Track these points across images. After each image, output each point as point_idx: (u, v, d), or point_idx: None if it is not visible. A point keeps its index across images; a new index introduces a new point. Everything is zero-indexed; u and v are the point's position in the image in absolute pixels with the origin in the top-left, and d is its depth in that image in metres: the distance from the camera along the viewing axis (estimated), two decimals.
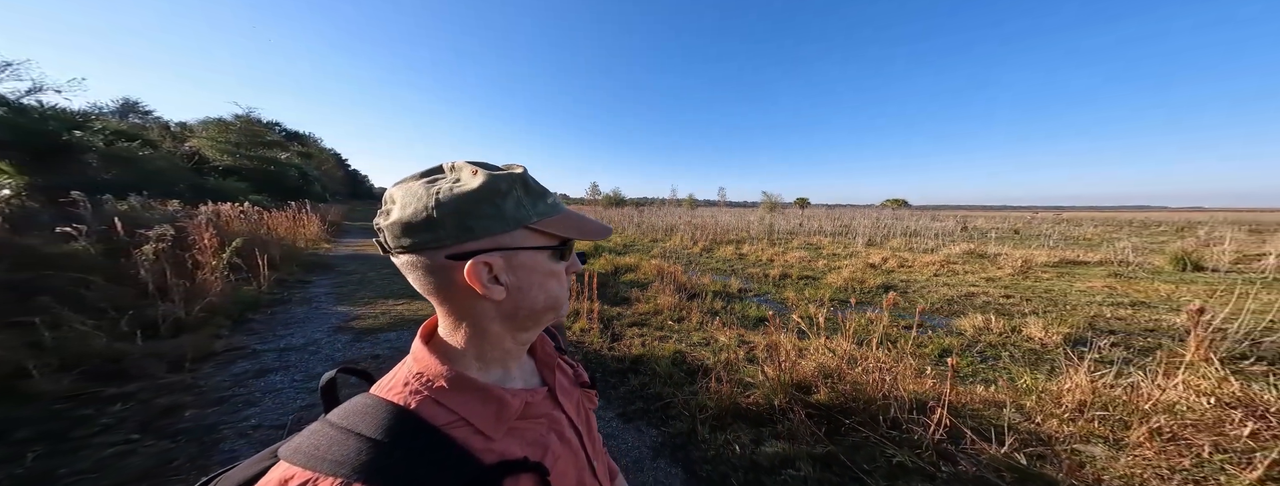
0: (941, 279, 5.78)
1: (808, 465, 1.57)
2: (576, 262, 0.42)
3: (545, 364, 0.45)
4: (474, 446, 0.32)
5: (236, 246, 3.83)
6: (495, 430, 0.34)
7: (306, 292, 4.23)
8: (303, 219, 7.75)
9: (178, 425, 1.76)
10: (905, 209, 28.71)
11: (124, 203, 5.03)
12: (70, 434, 1.63)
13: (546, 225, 0.36)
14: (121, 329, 2.48)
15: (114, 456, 1.52)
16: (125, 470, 1.46)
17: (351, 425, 0.30)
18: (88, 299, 2.74)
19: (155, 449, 1.58)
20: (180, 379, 2.16)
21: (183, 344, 2.49)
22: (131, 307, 2.72)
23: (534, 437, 0.37)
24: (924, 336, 3.20)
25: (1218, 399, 1.81)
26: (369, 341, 2.87)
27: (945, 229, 13.65)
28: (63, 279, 2.78)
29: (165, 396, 1.97)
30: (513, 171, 0.36)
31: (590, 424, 0.50)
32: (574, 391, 0.48)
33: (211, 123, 18.51)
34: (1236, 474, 1.41)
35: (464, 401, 0.34)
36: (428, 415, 0.32)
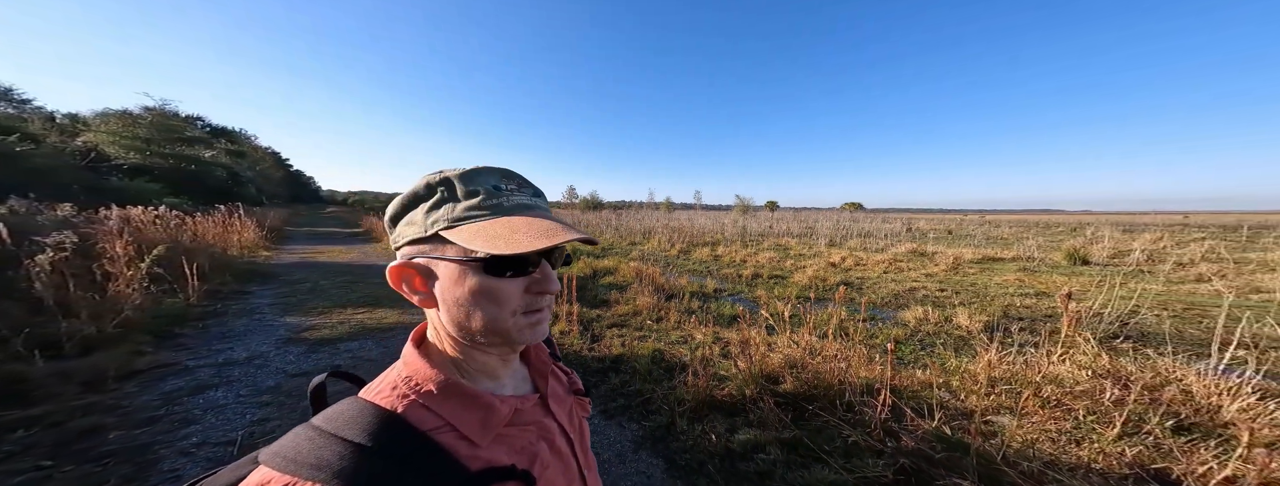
0: (890, 276, 6.43)
1: (776, 449, 1.73)
2: (545, 281, 0.34)
3: (538, 371, 0.44)
4: (460, 453, 0.31)
5: (158, 254, 3.40)
6: (482, 437, 0.33)
7: (246, 304, 3.83)
8: (235, 224, 6.95)
9: (102, 447, 1.57)
10: (861, 212, 31.49)
11: (2, 206, 4.24)
12: None
13: (460, 234, 0.32)
14: (14, 349, 2.14)
15: (25, 484, 1.34)
16: None
17: (336, 429, 0.29)
18: None
19: (77, 473, 1.41)
20: (99, 399, 1.91)
21: (96, 362, 2.19)
22: (26, 325, 2.34)
23: (522, 445, 0.36)
24: (875, 328, 3.57)
25: (1093, 371, 2.22)
26: (327, 352, 2.70)
27: (893, 230, 15.08)
28: None
29: (81, 418, 1.74)
30: (450, 171, 0.34)
31: (583, 433, 0.48)
32: (567, 399, 0.47)
33: (112, 115, 15.93)
34: (1102, 432, 1.74)
35: (451, 407, 0.33)
36: (414, 420, 0.31)
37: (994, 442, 1.68)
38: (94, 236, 3.49)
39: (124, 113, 16.07)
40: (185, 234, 5.42)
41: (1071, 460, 1.60)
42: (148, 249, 3.48)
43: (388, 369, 0.36)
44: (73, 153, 12.23)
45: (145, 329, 2.80)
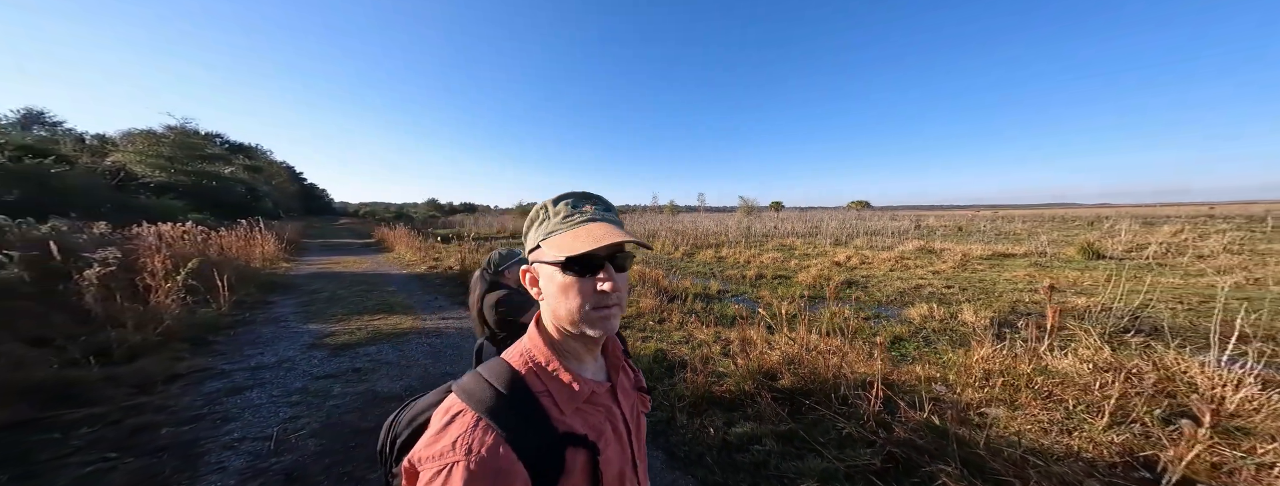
0: (896, 273, 6.43)
1: (772, 441, 1.82)
2: (607, 279, 0.41)
3: (612, 364, 0.51)
4: (552, 415, 0.40)
5: (193, 268, 3.65)
6: (567, 407, 0.42)
7: (270, 313, 4.06)
8: (256, 237, 7.28)
9: (156, 442, 1.74)
10: (868, 210, 31.11)
11: (45, 225, 4.56)
12: (35, 457, 1.59)
13: (549, 243, 0.42)
14: (71, 355, 2.35)
15: (94, 473, 1.51)
16: (109, 485, 1.46)
17: (489, 376, 0.41)
18: (21, 327, 2.54)
19: (136, 465, 1.58)
20: (148, 400, 2.10)
21: (143, 367, 2.39)
22: (80, 334, 2.57)
23: (594, 422, 0.44)
24: (879, 325, 3.61)
25: (1094, 365, 2.24)
26: (348, 356, 2.86)
27: (901, 228, 14.87)
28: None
29: (135, 417, 1.92)
30: (550, 199, 0.45)
31: (640, 425, 0.55)
32: (632, 394, 0.54)
33: (138, 135, 16.73)
34: (1093, 422, 1.80)
35: (551, 379, 0.42)
36: (530, 382, 0.42)
37: (986, 432, 1.72)
38: (135, 252, 3.76)
39: (148, 132, 16.89)
40: (212, 248, 5.72)
41: (1061, 449, 1.65)
42: (181, 263, 3.73)
43: (521, 338, 0.47)
44: (103, 172, 12.89)
45: (183, 336, 3.01)
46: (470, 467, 0.34)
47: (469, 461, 0.34)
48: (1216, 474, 1.48)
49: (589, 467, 0.41)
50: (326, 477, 1.55)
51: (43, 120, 18.78)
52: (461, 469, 0.34)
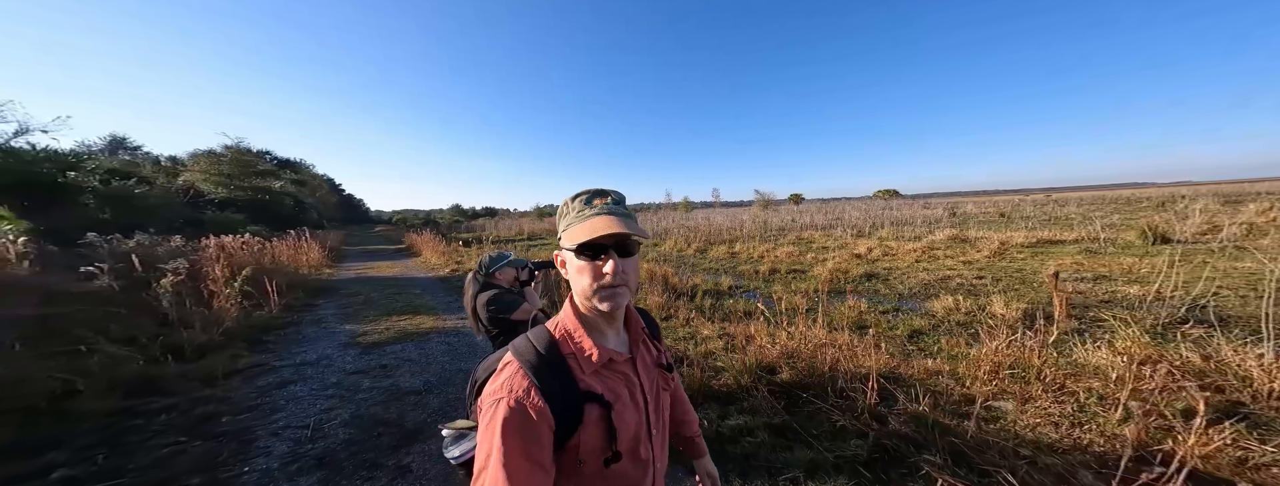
0: (922, 265, 6.11)
1: (764, 433, 1.85)
2: (607, 261, 0.48)
3: (634, 338, 0.58)
4: (576, 374, 0.49)
5: (247, 275, 4.10)
6: (587, 369, 0.50)
7: (314, 315, 4.48)
8: (303, 246, 7.99)
9: (218, 429, 2.03)
10: (897, 199, 29.35)
11: (132, 240, 5.28)
12: (126, 439, 1.90)
13: (566, 233, 0.51)
14: (153, 354, 2.74)
15: (169, 455, 1.78)
16: (180, 465, 1.72)
17: (533, 338, 0.53)
18: (113, 330, 2.99)
19: (202, 448, 1.85)
20: (212, 392, 2.42)
21: (209, 364, 2.75)
22: (159, 335, 2.98)
23: (611, 386, 0.52)
24: (897, 319, 3.48)
25: (1130, 357, 2.13)
26: (376, 354, 3.13)
27: (933, 217, 14.03)
28: (94, 312, 3.03)
29: (202, 407, 2.23)
30: (573, 196, 0.54)
31: (660, 400, 0.60)
32: (654, 370, 0.60)
33: (202, 155, 18.71)
34: (1106, 415, 1.73)
35: (577, 344, 0.52)
36: (561, 346, 0.51)
37: (972, 424, 1.69)
38: (200, 262, 4.27)
39: (210, 152, 18.84)
40: (266, 257, 6.35)
41: (1069, 442, 1.59)
42: (238, 271, 4.20)
43: (562, 309, 0.56)
44: (176, 191, 14.57)
45: (241, 337, 3.41)
46: (510, 404, 0.44)
47: (510, 399, 0.44)
48: (1240, 469, 1.38)
49: (603, 421, 0.48)
50: (351, 463, 1.74)
51: (125, 145, 21.43)
52: (505, 405, 0.44)
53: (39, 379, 2.20)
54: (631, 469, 0.52)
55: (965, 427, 1.63)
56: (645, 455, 0.54)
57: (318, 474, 1.65)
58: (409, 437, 1.92)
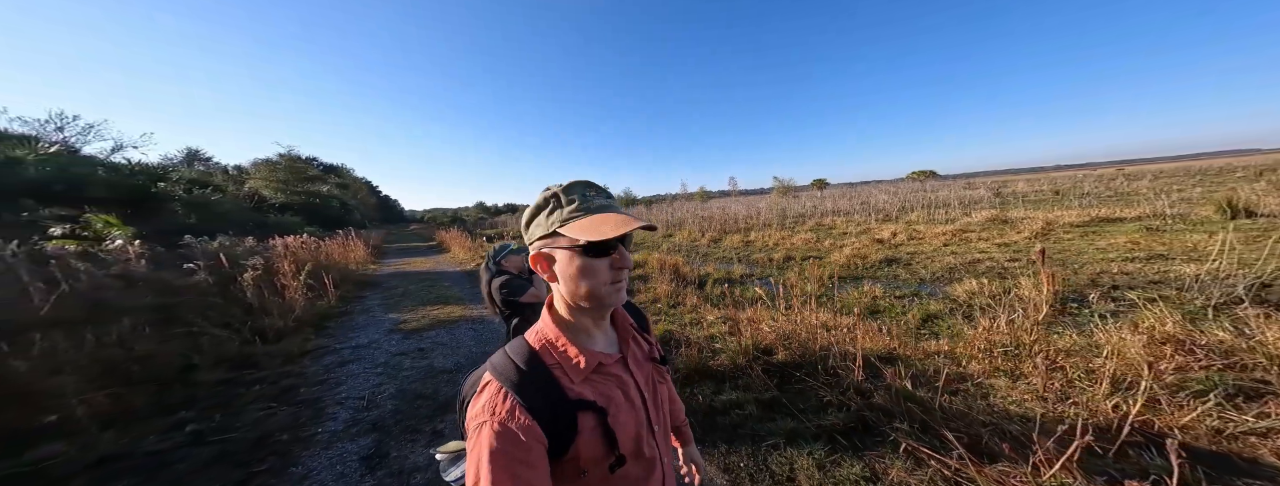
0: (950, 248, 5.87)
1: (753, 406, 2.02)
2: (621, 259, 0.47)
3: (622, 335, 0.56)
4: (564, 384, 0.47)
5: (309, 270, 4.73)
6: (575, 378, 0.47)
7: (363, 305, 5.08)
8: (350, 244, 8.88)
9: (297, 398, 2.49)
10: (934, 180, 27.23)
11: (216, 242, 6.19)
12: (232, 403, 2.39)
13: (568, 229, 0.46)
14: (245, 336, 3.32)
15: (263, 416, 2.24)
16: (272, 424, 2.16)
17: (510, 353, 0.49)
18: (214, 317, 3.63)
19: (285, 413, 2.29)
20: (291, 368, 2.93)
21: (287, 345, 3.29)
22: (247, 321, 3.59)
23: (603, 390, 0.49)
24: (913, 303, 3.46)
25: (1151, 337, 2.10)
26: (415, 339, 3.57)
27: (974, 197, 13.11)
28: (198, 302, 3.70)
29: (285, 380, 2.73)
30: (554, 189, 0.48)
31: (657, 393, 0.58)
32: (646, 365, 0.58)
33: (262, 164, 20.86)
34: (1093, 391, 1.76)
35: (561, 353, 0.49)
36: (543, 357, 0.48)
37: (939, 397, 1.78)
38: (271, 259, 4.97)
39: (269, 161, 20.94)
40: (321, 254, 7.17)
41: (1054, 415, 1.65)
42: (301, 267, 4.84)
43: (529, 313, 0.71)
44: (244, 197, 16.44)
45: (309, 323, 3.99)
46: (495, 428, 0.42)
47: (493, 422, 0.42)
48: (1218, 438, 1.43)
49: (600, 428, 0.47)
50: (397, 428, 2.10)
51: (199, 157, 24.28)
52: (489, 427, 0.42)
53: (167, 355, 2.78)
54: (637, 469, 0.51)
55: (940, 400, 1.73)
56: (649, 452, 0.52)
57: (372, 436, 2.02)
58: (442, 409, 2.26)
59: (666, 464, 0.57)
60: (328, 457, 1.83)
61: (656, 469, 0.54)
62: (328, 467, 1.75)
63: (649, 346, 0.62)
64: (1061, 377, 1.91)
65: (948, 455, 1.36)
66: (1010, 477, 1.28)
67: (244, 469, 1.74)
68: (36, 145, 8.76)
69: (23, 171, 6.19)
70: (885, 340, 2.49)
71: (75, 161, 8.49)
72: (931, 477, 1.39)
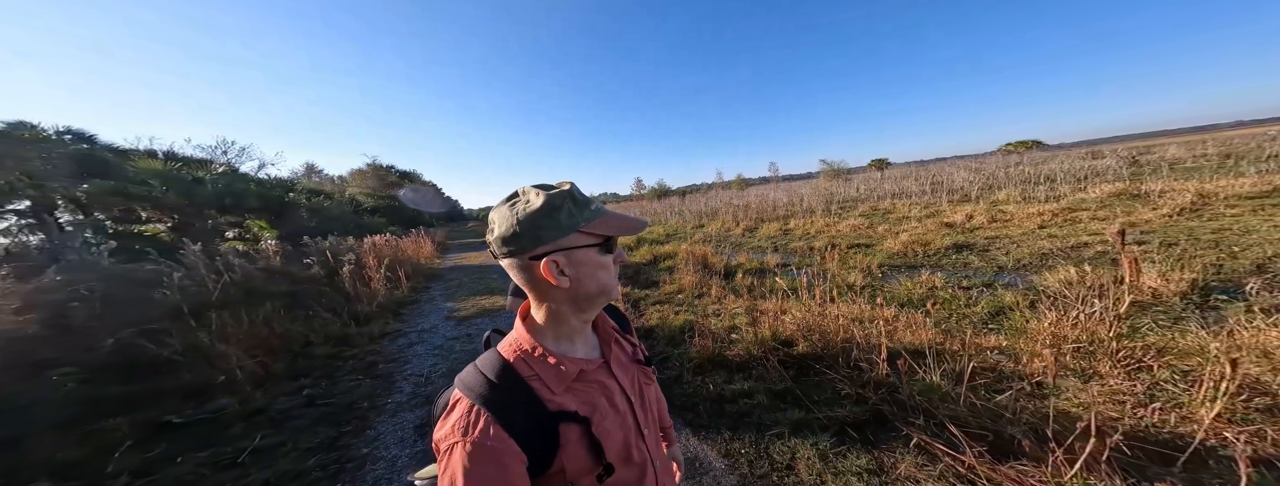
0: (1047, 231, 4.99)
1: (764, 396, 2.02)
2: (622, 255, 0.50)
3: (604, 339, 0.55)
4: (543, 396, 0.45)
5: (387, 264, 5.65)
6: (556, 387, 0.46)
7: (428, 295, 5.88)
8: (420, 242, 10.30)
9: (377, 372, 3.03)
10: (1037, 150, 22.15)
11: (327, 241, 7.69)
12: (333, 375, 3.00)
13: (592, 227, 0.46)
14: (344, 319, 4.14)
15: (352, 387, 2.78)
16: (357, 393, 2.68)
17: (482, 367, 0.47)
18: (324, 303, 4.57)
19: (370, 384, 2.82)
20: (374, 348, 3.57)
21: (372, 328, 4.01)
22: (345, 307, 4.46)
23: (587, 398, 0.48)
24: (983, 295, 3.07)
25: None
26: (465, 325, 4.09)
27: (1098, 168, 10.62)
28: (314, 290, 4.69)
29: (370, 357, 3.33)
30: (562, 189, 0.47)
31: (644, 396, 0.57)
32: (631, 367, 0.57)
33: (356, 173, 24.93)
34: (1191, 394, 1.49)
35: (540, 364, 0.47)
36: (519, 369, 0.46)
37: (1044, 402, 1.60)
38: (362, 255, 6.04)
39: (360, 170, 24.95)
40: (398, 251, 8.46)
41: (1130, 422, 1.45)
42: (382, 261, 5.80)
43: (512, 331, 0.52)
44: (347, 202, 19.94)
45: (388, 309, 4.77)
46: (467, 447, 0.40)
47: (465, 442, 0.40)
48: None
49: (585, 439, 0.45)
50: None
51: (314, 170, 29.86)
52: (460, 448, 0.40)
53: (294, 332, 3.61)
54: (628, 475, 0.50)
55: (966, 396, 1.60)
56: (639, 457, 0.51)
57: (426, 407, 2.40)
58: None
59: (659, 467, 0.56)
60: (393, 424, 2.23)
61: (649, 473, 0.53)
62: (392, 432, 2.14)
63: (632, 349, 0.61)
64: (1147, 379, 1.64)
65: (962, 452, 1.28)
66: (1028, 477, 1.18)
67: (337, 428, 2.21)
68: (211, 166, 11.58)
69: (204, 188, 8.29)
70: (929, 334, 2.28)
71: (237, 178, 11.04)
72: (941, 473, 1.32)
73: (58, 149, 5.02)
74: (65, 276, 3.09)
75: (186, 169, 9.41)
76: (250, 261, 5.12)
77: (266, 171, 15.19)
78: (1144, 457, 1.25)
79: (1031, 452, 1.23)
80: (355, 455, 1.95)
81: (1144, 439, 1.33)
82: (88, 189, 5.32)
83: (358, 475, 1.79)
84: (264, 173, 15.11)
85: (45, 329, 2.51)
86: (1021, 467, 1.21)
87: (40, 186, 4.54)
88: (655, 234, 9.85)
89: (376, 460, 1.89)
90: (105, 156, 6.89)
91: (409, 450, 1.95)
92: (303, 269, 5.46)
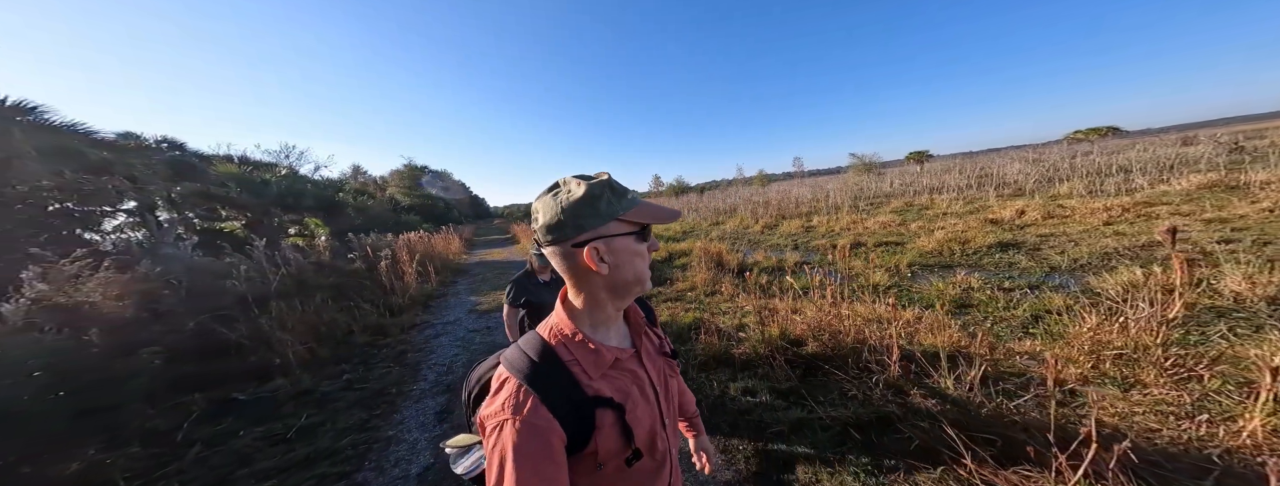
0: (1114, 227, 4.54)
1: (767, 394, 2.02)
2: (654, 243, 0.52)
3: (635, 330, 0.56)
4: (581, 380, 0.47)
5: (419, 259, 6.08)
6: (594, 373, 0.48)
7: (455, 289, 6.25)
8: (449, 238, 10.94)
9: (406, 361, 3.28)
10: (1113, 137, 19.39)
11: (368, 237, 8.40)
12: (369, 362, 3.29)
13: (630, 215, 0.48)
14: (381, 310, 4.52)
15: (384, 373, 3.03)
16: (388, 379, 2.91)
17: (525, 348, 0.49)
18: (364, 294, 5.02)
19: (397, 372, 3.05)
20: (404, 337, 3.86)
21: (404, 319, 4.34)
22: (382, 299, 4.87)
23: (620, 386, 0.50)
24: (1026, 297, 2.87)
25: None
26: (485, 318, 4.31)
27: (1190, 156, 9.32)
28: (355, 283, 5.16)
29: (400, 346, 3.61)
30: (601, 178, 0.49)
31: (669, 388, 0.59)
32: (658, 359, 0.58)
33: (395, 174, 26.86)
34: (1244, 404, 1.35)
35: (579, 349, 0.49)
36: (560, 352, 0.49)
37: (1071, 410, 1.56)
38: (397, 251, 6.54)
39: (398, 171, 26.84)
40: (428, 247, 9.06)
41: (1171, 434, 1.35)
42: (414, 256, 6.26)
43: (551, 314, 0.54)
44: (387, 201, 21.59)
45: (419, 302, 5.14)
46: (517, 425, 0.42)
47: (515, 420, 0.42)
48: None
49: (618, 424, 0.47)
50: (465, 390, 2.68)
51: (360, 171, 32.51)
52: (511, 425, 0.42)
53: (339, 322, 4.00)
54: (651, 462, 0.52)
55: (976, 400, 1.56)
56: (661, 446, 0.54)
57: (446, 395, 2.58)
58: None
59: (673, 456, 0.58)
60: (417, 409, 2.42)
61: (667, 463, 0.56)
62: (415, 417, 2.32)
63: (659, 341, 0.62)
64: (1197, 389, 1.51)
65: (964, 456, 1.24)
66: (1030, 482, 1.16)
67: (368, 412, 2.42)
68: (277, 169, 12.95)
69: (270, 189, 9.33)
70: (952, 336, 2.18)
71: (297, 180, 12.28)
72: (941, 476, 1.32)
73: (156, 155, 5.86)
74: (160, 268, 3.64)
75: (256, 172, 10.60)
76: (304, 256, 5.72)
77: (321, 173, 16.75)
78: (1168, 468, 1.18)
79: (1038, 458, 1.18)
80: (382, 437, 2.13)
81: (1181, 450, 1.25)
82: (180, 190, 6.15)
83: (382, 455, 1.96)
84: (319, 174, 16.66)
85: (139, 313, 2.96)
86: (1025, 472, 1.18)
87: (143, 189, 5.32)
88: (672, 231, 9.83)
89: (399, 442, 2.07)
90: (192, 161, 7.92)
91: (428, 434, 2.12)
92: (346, 263, 6.01)
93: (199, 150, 9.66)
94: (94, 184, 4.43)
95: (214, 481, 1.77)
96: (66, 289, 2.58)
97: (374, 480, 1.77)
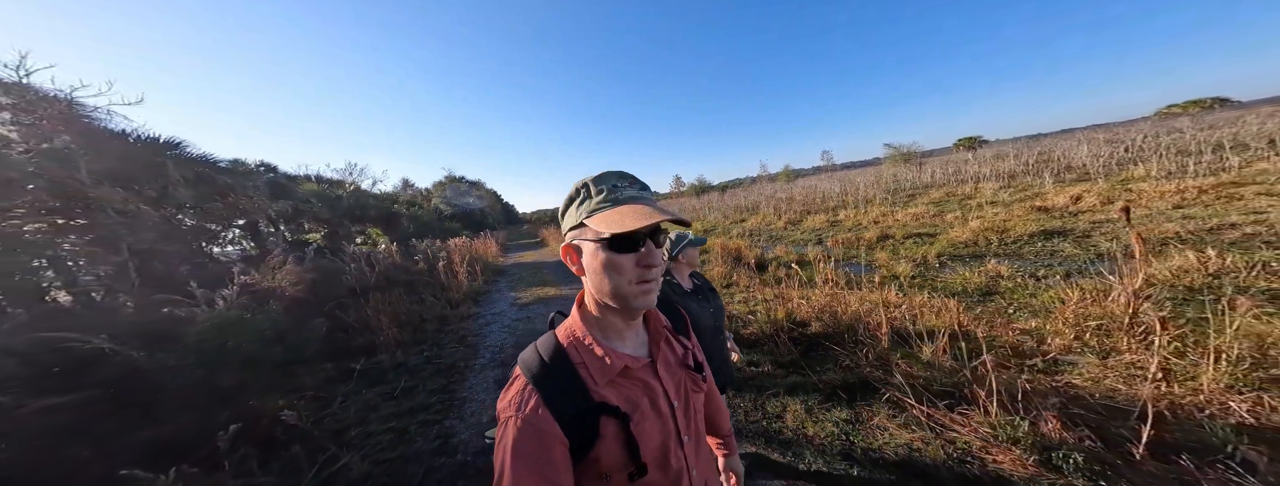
0: (1185, 210, 4.31)
1: (770, 365, 2.35)
2: (649, 256, 0.44)
3: (655, 338, 0.54)
4: (588, 385, 0.47)
5: (467, 261, 6.94)
6: (600, 379, 0.47)
7: (497, 286, 7.01)
8: (488, 243, 12.05)
9: (466, 342, 3.91)
10: (1220, 110, 16.48)
11: (423, 243, 9.58)
12: (437, 344, 3.98)
13: (593, 221, 0.45)
14: (444, 304, 5.31)
15: (452, 352, 3.67)
16: (453, 357, 3.53)
17: (539, 348, 0.50)
18: (426, 290, 5.88)
19: (461, 350, 3.68)
20: (463, 325, 4.55)
21: (461, 311, 5.07)
22: (443, 294, 5.69)
23: (628, 395, 0.49)
24: (1056, 284, 2.82)
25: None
26: (526, 310, 4.92)
27: None
28: (422, 281, 6.06)
29: (461, 331, 4.28)
30: (587, 178, 0.48)
31: (690, 403, 0.56)
32: (679, 371, 0.56)
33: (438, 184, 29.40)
34: (1201, 365, 1.54)
35: (588, 353, 0.49)
36: (571, 355, 0.48)
37: (1058, 378, 1.73)
38: (449, 254, 7.48)
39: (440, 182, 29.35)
40: (472, 250, 10.09)
41: (1130, 392, 1.56)
42: (463, 258, 7.14)
43: (570, 313, 0.54)
44: (433, 210, 23.80)
45: (470, 297, 5.90)
46: (518, 424, 0.43)
47: (517, 417, 0.43)
48: None
49: (622, 436, 0.46)
50: (512, 364, 3.25)
51: (408, 183, 35.84)
52: (513, 422, 0.43)
53: (414, 311, 4.81)
54: (661, 479, 0.49)
55: (943, 363, 1.83)
56: (676, 464, 0.50)
57: (501, 369, 3.13)
58: None
59: (696, 477, 0.54)
60: (479, 378, 3.00)
61: (684, 480, 0.52)
62: (479, 384, 2.89)
63: (684, 351, 0.58)
64: (1162, 355, 1.65)
65: (921, 404, 1.56)
66: (969, 418, 1.46)
67: (446, 378, 3.04)
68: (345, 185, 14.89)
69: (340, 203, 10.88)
70: (954, 318, 2.37)
71: (360, 194, 14.03)
72: (905, 421, 1.61)
73: (257, 178, 7.19)
74: (303, 267, 4.70)
75: (330, 188, 12.32)
76: (384, 259, 6.77)
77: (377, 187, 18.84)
78: (1103, 412, 1.42)
79: (976, 401, 1.46)
80: (458, 397, 2.73)
81: (1127, 402, 1.47)
82: (276, 207, 7.48)
83: (462, 409, 2.54)
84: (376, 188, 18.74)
85: (309, 296, 3.98)
86: (964, 411, 1.48)
87: (254, 208, 6.59)
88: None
89: (470, 401, 2.65)
90: (284, 182, 9.48)
91: (490, 396, 2.66)
92: (412, 264, 7.00)
93: (287, 171, 11.43)
94: (222, 204, 5.64)
95: (357, 420, 2.43)
96: (268, 277, 3.53)
97: (458, 425, 2.34)
